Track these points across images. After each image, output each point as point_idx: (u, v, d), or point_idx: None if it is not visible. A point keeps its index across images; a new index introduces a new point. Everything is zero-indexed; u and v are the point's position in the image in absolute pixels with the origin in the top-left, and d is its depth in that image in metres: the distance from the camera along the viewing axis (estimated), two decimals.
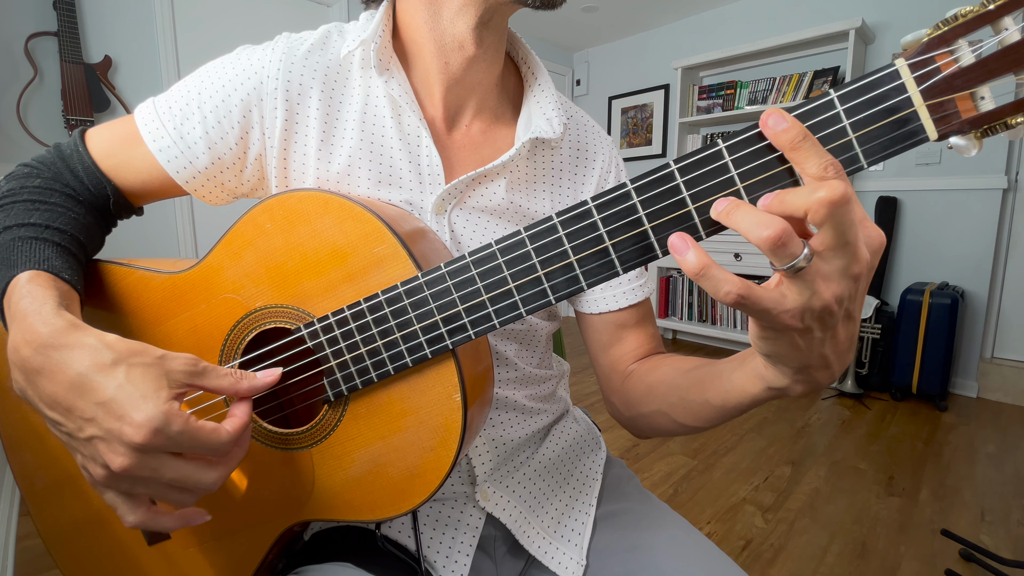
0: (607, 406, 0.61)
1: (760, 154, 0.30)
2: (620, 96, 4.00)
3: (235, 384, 0.38)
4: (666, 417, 0.50)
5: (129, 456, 0.32)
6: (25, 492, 0.52)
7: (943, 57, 0.27)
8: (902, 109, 0.28)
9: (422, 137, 0.50)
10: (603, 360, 0.60)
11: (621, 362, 0.59)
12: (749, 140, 0.30)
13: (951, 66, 0.27)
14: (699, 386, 0.45)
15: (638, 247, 0.33)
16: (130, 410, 0.32)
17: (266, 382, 0.39)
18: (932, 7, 2.59)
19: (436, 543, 0.51)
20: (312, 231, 0.41)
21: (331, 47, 0.51)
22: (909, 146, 0.29)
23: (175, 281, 0.46)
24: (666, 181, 0.32)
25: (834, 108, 0.29)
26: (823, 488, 1.73)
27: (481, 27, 0.48)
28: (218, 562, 0.48)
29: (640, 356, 0.58)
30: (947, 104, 0.27)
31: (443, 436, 0.40)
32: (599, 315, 0.59)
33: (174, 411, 0.33)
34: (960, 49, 0.27)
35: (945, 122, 0.28)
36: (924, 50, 0.27)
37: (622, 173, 0.62)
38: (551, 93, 0.55)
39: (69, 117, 1.97)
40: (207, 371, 0.36)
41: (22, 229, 0.43)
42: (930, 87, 0.27)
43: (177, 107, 0.49)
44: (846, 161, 0.29)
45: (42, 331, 0.35)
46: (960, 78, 0.27)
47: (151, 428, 0.32)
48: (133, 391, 0.33)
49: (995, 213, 2.48)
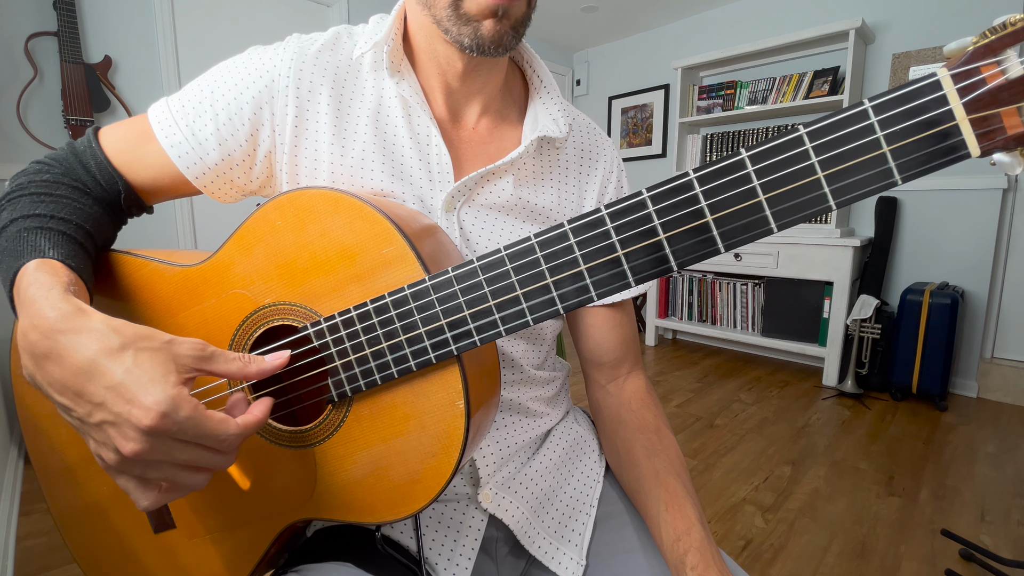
0: (588, 397, 0.65)
1: (785, 164, 0.28)
2: (620, 96, 4.00)
3: (244, 368, 0.38)
4: (614, 461, 0.59)
5: (140, 440, 0.33)
6: (40, 474, 0.53)
7: (989, 68, 0.25)
8: (943, 123, 0.26)
9: (432, 136, 0.51)
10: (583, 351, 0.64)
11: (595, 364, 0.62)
12: (773, 150, 0.29)
13: (997, 78, 0.25)
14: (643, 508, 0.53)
15: (652, 258, 0.32)
16: (139, 394, 0.32)
17: (274, 364, 0.39)
18: (932, 7, 2.59)
19: (438, 545, 0.51)
20: (322, 229, 0.41)
21: (341, 48, 0.52)
22: (948, 162, 0.27)
23: (187, 274, 0.46)
24: (684, 191, 0.30)
25: (868, 119, 0.27)
26: (823, 488, 1.73)
27: (468, 51, 0.49)
28: (220, 554, 0.48)
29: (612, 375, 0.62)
30: (992, 119, 0.26)
31: (445, 443, 0.40)
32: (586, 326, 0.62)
33: (183, 396, 0.33)
34: (1008, 60, 0.25)
35: (989, 138, 0.26)
36: (969, 60, 0.26)
37: (623, 177, 0.63)
38: (556, 96, 0.56)
39: (69, 117, 1.97)
40: (215, 355, 0.37)
41: (28, 220, 0.43)
42: (974, 100, 0.26)
43: (190, 105, 0.50)
44: (879, 176, 0.27)
45: (49, 315, 0.35)
46: (1007, 91, 0.25)
47: (160, 412, 0.32)
48: (141, 375, 0.33)
49: (995, 213, 2.48)
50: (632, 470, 0.55)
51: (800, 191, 0.28)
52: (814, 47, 2.93)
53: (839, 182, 0.28)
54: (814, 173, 0.28)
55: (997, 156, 0.27)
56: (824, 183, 0.28)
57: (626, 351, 0.61)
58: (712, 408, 2.41)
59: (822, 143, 0.28)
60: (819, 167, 0.28)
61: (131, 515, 0.50)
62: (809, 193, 0.28)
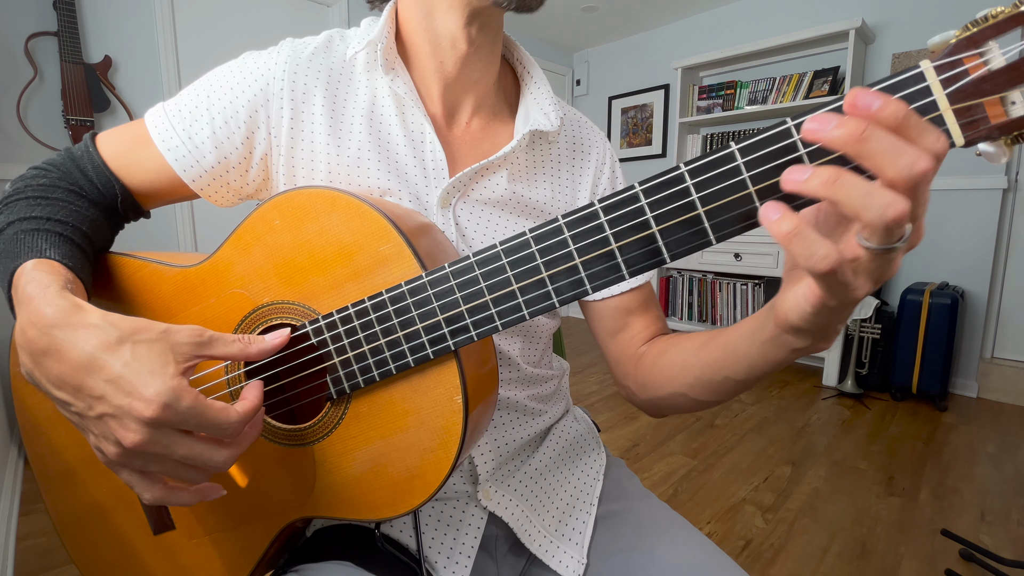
0: (621, 390, 0.61)
1: (775, 156, 0.29)
2: (620, 96, 4.00)
3: (244, 349, 0.38)
4: (684, 398, 0.51)
5: (141, 432, 0.33)
6: (39, 477, 0.53)
7: (971, 60, 0.26)
8: (927, 113, 0.27)
9: (426, 133, 0.52)
10: (612, 347, 0.61)
11: (630, 346, 0.59)
12: (764, 142, 0.29)
13: (980, 69, 0.26)
14: (715, 365, 0.45)
15: (645, 251, 0.33)
16: (139, 386, 0.32)
17: (274, 344, 0.40)
18: (933, 7, 2.59)
19: (438, 543, 0.51)
20: (319, 228, 0.41)
21: (334, 50, 0.53)
22: None
23: (186, 275, 0.46)
24: (676, 183, 0.31)
25: None
26: (823, 488, 1.73)
27: (470, 26, 0.50)
28: (220, 554, 0.48)
29: (647, 338, 0.59)
30: (975, 109, 0.26)
31: (444, 438, 0.40)
32: (603, 302, 0.60)
33: (183, 386, 0.33)
34: (990, 52, 0.26)
35: (972, 127, 0.26)
36: (951, 52, 0.26)
37: (616, 167, 0.63)
38: (547, 91, 0.57)
39: (69, 117, 1.97)
40: (214, 340, 0.37)
41: (25, 223, 0.43)
42: (957, 91, 0.26)
43: (187, 110, 0.51)
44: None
45: (47, 312, 0.35)
46: (989, 82, 0.25)
47: (160, 403, 0.32)
48: (140, 367, 0.33)
49: (995, 213, 2.48)
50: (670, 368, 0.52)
51: None
52: (814, 47, 2.93)
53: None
54: (802, 163, 0.28)
55: (982, 146, 0.27)
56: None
57: (663, 322, 0.61)
58: (712, 408, 2.40)
59: None
60: (807, 159, 0.28)
61: (131, 517, 0.50)
62: None
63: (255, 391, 0.38)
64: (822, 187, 0.25)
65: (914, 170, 0.24)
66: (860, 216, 0.25)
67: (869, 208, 0.24)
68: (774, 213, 0.27)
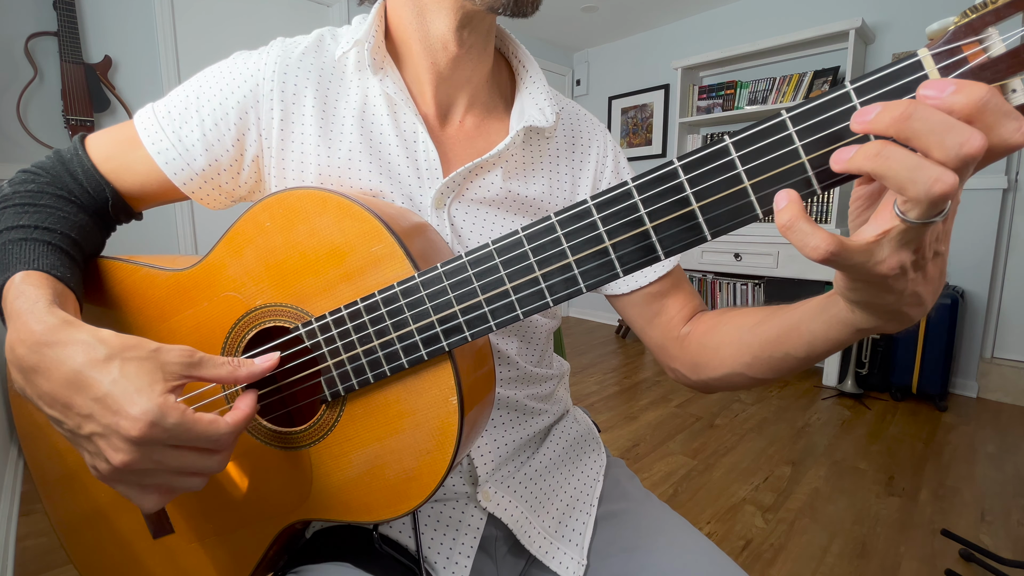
0: (669, 373, 0.60)
1: (769, 149, 0.28)
2: (620, 96, 4.00)
3: (233, 372, 0.38)
4: (741, 376, 0.50)
5: (128, 451, 0.32)
6: (38, 482, 0.53)
7: (971, 47, 0.25)
8: None
9: (418, 132, 0.51)
10: (652, 333, 0.60)
11: (671, 328, 0.58)
12: (757, 136, 0.29)
13: (979, 56, 0.25)
14: (775, 343, 0.44)
15: (639, 247, 0.32)
16: (125, 404, 0.32)
17: (264, 367, 0.39)
18: (933, 7, 2.58)
19: (437, 544, 0.51)
20: (311, 229, 0.41)
21: (325, 50, 0.52)
22: None
23: (178, 278, 0.46)
24: (669, 179, 0.30)
25: (850, 101, 0.27)
26: (823, 488, 1.73)
27: (461, 29, 0.49)
28: (220, 557, 0.48)
29: (687, 317, 0.58)
30: None
31: (439, 439, 0.40)
32: (633, 293, 0.58)
33: (170, 404, 0.33)
34: (990, 38, 0.25)
35: None
36: (950, 39, 0.25)
37: (620, 158, 0.62)
38: (542, 85, 0.56)
39: (69, 117, 1.97)
40: (203, 361, 0.37)
41: (12, 232, 0.43)
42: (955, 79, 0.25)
43: (176, 111, 0.50)
44: None
45: (36, 329, 0.35)
46: (989, 69, 0.25)
47: (147, 421, 0.32)
48: (128, 385, 0.33)
49: (995, 213, 2.48)
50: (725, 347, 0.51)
51: (786, 175, 0.28)
52: (814, 47, 2.93)
53: (824, 165, 0.28)
54: (798, 157, 0.28)
55: None
56: (808, 167, 0.28)
57: (699, 298, 0.60)
58: (712, 408, 2.40)
59: (806, 127, 0.28)
60: (803, 151, 0.28)
61: (130, 521, 0.50)
62: (795, 177, 0.28)
63: (248, 401, 0.38)
64: (867, 160, 0.25)
65: (964, 150, 0.23)
66: (905, 190, 0.24)
67: (916, 182, 0.24)
68: (782, 200, 0.27)
